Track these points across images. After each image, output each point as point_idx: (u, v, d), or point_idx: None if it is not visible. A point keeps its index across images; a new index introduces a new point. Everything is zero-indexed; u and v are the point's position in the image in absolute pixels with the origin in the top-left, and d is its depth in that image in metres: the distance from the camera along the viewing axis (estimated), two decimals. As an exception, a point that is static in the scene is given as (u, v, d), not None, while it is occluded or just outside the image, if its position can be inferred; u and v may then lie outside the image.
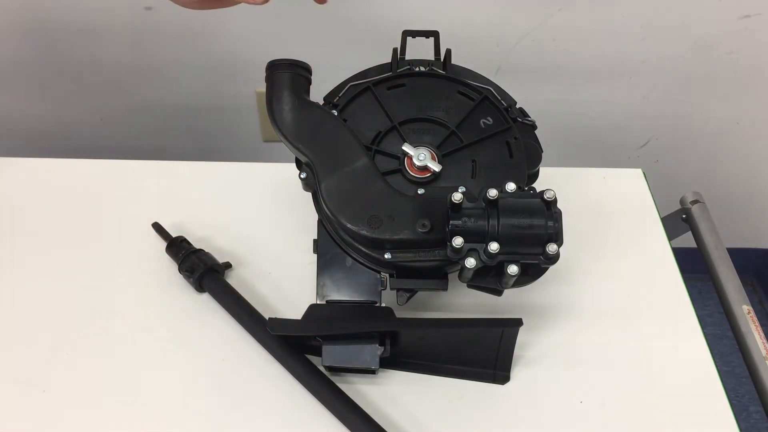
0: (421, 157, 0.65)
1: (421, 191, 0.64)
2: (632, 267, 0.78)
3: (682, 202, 0.92)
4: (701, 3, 1.07)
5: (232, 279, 0.76)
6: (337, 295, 0.66)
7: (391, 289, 0.64)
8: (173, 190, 0.86)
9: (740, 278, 0.82)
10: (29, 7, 1.08)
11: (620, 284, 0.76)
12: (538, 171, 0.69)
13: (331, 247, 0.67)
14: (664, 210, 0.87)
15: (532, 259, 0.56)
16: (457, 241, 0.56)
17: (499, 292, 0.63)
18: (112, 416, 0.64)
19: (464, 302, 0.73)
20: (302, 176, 0.66)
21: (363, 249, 0.64)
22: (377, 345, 0.63)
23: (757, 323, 0.77)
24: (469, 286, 0.62)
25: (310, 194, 0.68)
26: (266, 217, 0.83)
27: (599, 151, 1.33)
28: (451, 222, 0.57)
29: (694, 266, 0.87)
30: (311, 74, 0.69)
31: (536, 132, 0.71)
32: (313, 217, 0.68)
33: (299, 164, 0.68)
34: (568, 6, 1.07)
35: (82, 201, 0.84)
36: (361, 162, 0.64)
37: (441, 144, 0.67)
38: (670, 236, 0.82)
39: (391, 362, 0.67)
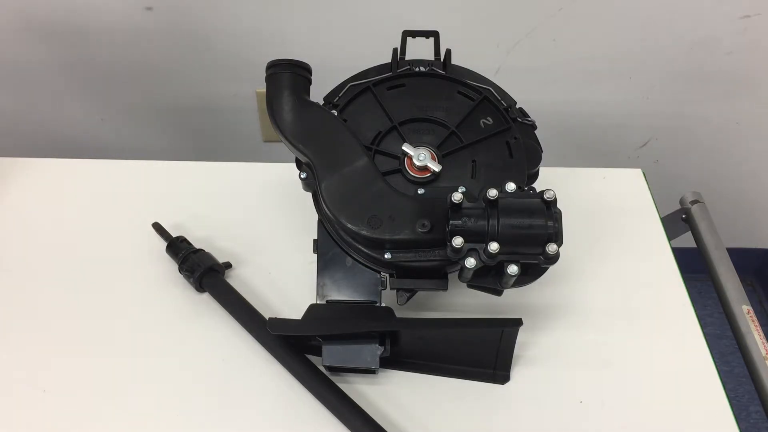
0: (421, 157, 0.65)
1: (421, 191, 0.64)
2: (632, 267, 0.78)
3: (682, 202, 0.92)
4: (701, 3, 1.07)
5: (232, 279, 0.76)
6: (337, 295, 0.66)
7: (391, 289, 0.64)
8: (173, 190, 0.86)
9: (740, 278, 0.82)
10: (29, 7, 1.08)
11: (620, 284, 0.76)
12: (538, 171, 0.69)
13: (331, 247, 0.67)
14: (664, 210, 0.87)
15: (532, 259, 0.56)
16: (457, 241, 0.56)
17: (499, 292, 0.63)
18: (112, 416, 0.64)
19: (464, 302, 0.73)
20: (302, 176, 0.66)
21: (363, 249, 0.64)
22: (377, 345, 0.63)
23: (757, 323, 0.77)
24: (469, 286, 0.62)
25: (310, 194, 0.68)
26: (266, 217, 0.83)
27: (599, 151, 1.33)
28: (451, 222, 0.57)
29: (694, 266, 0.87)
30: (311, 74, 0.69)
31: (536, 132, 0.71)
32: (313, 217, 0.68)
33: (299, 164, 0.68)
34: (568, 6, 1.07)
35: (82, 201, 0.84)
36: (361, 162, 0.64)
37: (441, 144, 0.67)
38: (670, 236, 0.82)
39: (391, 362, 0.67)
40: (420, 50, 0.73)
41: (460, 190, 0.58)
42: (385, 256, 0.62)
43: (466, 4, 1.07)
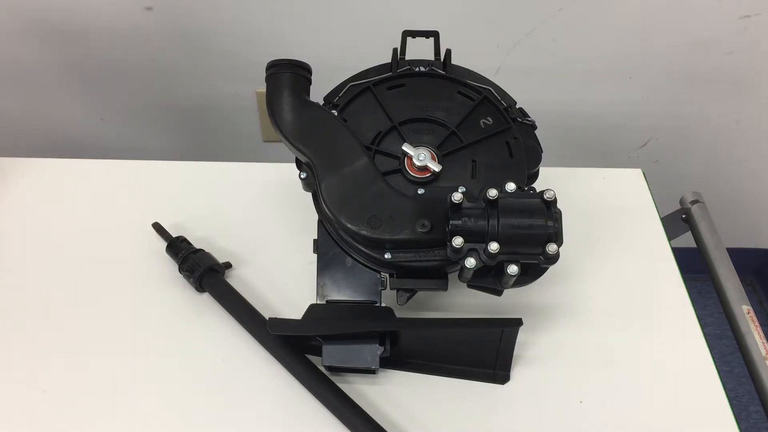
0: (421, 157, 0.65)
1: (421, 191, 0.64)
2: (632, 267, 0.78)
3: (682, 202, 0.92)
4: (701, 3, 1.07)
5: (232, 279, 0.76)
6: (337, 295, 0.66)
7: (391, 289, 0.64)
8: (173, 190, 0.86)
9: (740, 278, 0.82)
10: (29, 8, 1.08)
11: (620, 284, 0.76)
12: (538, 171, 0.69)
13: (331, 247, 0.67)
14: (664, 210, 0.87)
15: (532, 259, 0.56)
16: (457, 241, 0.56)
17: (499, 292, 0.63)
18: (112, 416, 0.64)
19: (464, 302, 0.73)
20: (302, 176, 0.66)
21: (363, 249, 0.64)
22: (377, 345, 0.63)
23: (757, 323, 0.77)
24: (469, 286, 0.62)
25: (310, 194, 0.68)
26: (266, 217, 0.83)
27: (599, 151, 1.33)
28: (451, 222, 0.57)
29: (694, 266, 0.87)
30: (311, 74, 0.69)
31: (536, 132, 0.71)
32: (313, 217, 0.68)
33: (299, 164, 0.68)
34: (568, 6, 1.07)
35: (82, 201, 0.84)
36: (361, 162, 0.64)
37: (441, 144, 0.67)
38: (670, 236, 0.82)
39: (391, 362, 0.67)
40: (420, 50, 0.73)
41: (460, 190, 0.58)
42: (385, 256, 0.62)
43: (466, 5, 1.07)
